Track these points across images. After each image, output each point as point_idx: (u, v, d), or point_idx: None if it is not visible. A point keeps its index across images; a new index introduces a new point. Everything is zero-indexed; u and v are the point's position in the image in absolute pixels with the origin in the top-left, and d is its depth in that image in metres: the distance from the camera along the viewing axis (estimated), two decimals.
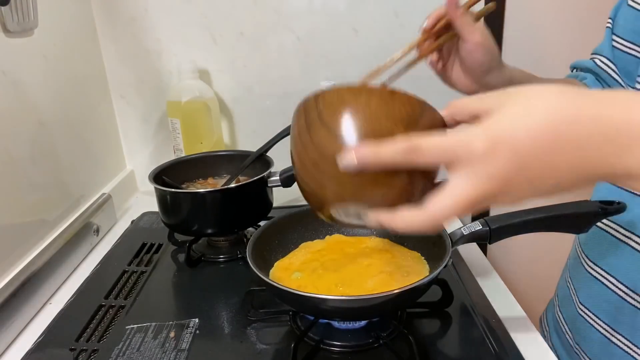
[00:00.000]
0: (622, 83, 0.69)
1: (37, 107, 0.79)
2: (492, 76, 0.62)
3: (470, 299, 0.68)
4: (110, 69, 1.04)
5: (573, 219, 0.56)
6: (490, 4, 0.63)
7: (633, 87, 0.66)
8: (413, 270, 0.65)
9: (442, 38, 0.61)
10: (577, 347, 0.68)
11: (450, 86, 0.66)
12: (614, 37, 0.68)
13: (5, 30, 0.71)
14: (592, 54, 0.73)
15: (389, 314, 0.62)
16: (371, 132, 0.39)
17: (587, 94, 0.36)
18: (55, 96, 0.84)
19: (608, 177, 0.36)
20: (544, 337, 0.71)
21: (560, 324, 0.73)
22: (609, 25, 0.69)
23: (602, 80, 0.71)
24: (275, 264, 0.68)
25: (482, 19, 0.62)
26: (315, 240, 0.73)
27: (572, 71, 0.77)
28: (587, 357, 0.66)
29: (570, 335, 0.70)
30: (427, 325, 0.64)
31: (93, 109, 0.99)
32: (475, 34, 0.59)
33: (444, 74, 0.65)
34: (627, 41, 0.66)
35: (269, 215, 0.83)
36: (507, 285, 0.73)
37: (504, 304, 0.68)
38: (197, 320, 0.66)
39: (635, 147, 0.33)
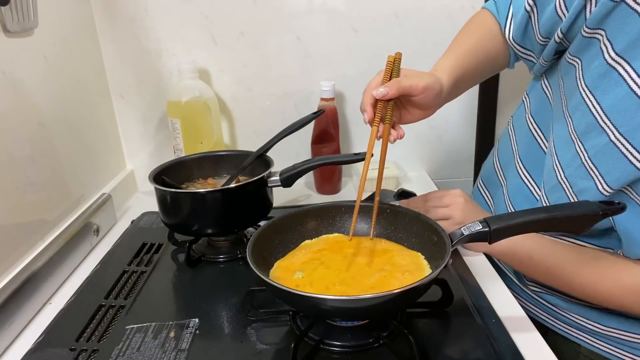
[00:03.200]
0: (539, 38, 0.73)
1: (37, 107, 0.79)
2: (444, 94, 0.70)
3: (470, 299, 0.68)
4: (110, 69, 1.04)
5: (573, 219, 0.56)
6: (397, 53, 0.67)
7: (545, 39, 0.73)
8: (413, 270, 0.65)
9: (387, 116, 0.64)
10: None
11: (411, 123, 0.71)
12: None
13: (5, 30, 0.71)
14: None
15: (389, 314, 0.62)
16: None
17: None
18: (55, 96, 0.84)
19: None
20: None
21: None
22: None
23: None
24: (276, 264, 0.68)
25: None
26: (314, 240, 0.73)
27: None
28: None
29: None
30: (427, 325, 0.64)
31: (93, 109, 0.99)
32: (418, 84, 0.64)
33: (404, 122, 0.71)
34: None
35: (269, 215, 0.83)
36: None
37: (504, 304, 0.68)
38: (197, 320, 0.66)
39: None
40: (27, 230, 0.74)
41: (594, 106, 0.60)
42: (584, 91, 0.62)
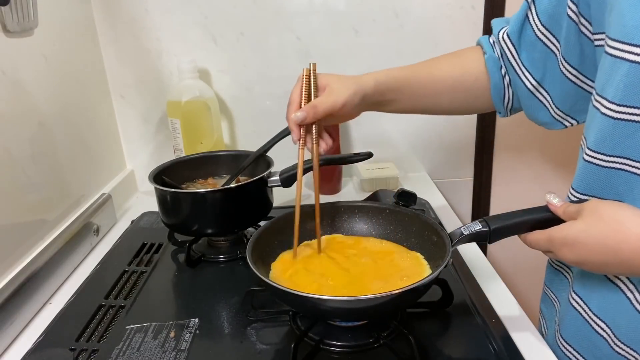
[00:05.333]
0: (520, 71, 0.67)
1: (37, 107, 0.79)
2: (367, 102, 0.68)
3: (470, 299, 0.68)
4: (110, 69, 1.04)
5: None
6: (312, 64, 0.66)
7: (535, 80, 0.66)
8: (413, 271, 0.65)
9: (312, 133, 0.66)
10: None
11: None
12: (531, 15, 0.64)
13: (5, 30, 0.71)
14: (506, 23, 0.69)
15: (389, 314, 0.62)
16: None
17: None
18: (55, 96, 0.84)
19: None
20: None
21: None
22: None
23: (503, 58, 0.69)
24: (273, 265, 0.68)
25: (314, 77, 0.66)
26: (314, 241, 0.73)
27: (490, 27, 0.73)
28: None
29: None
30: (427, 325, 0.64)
31: (93, 109, 0.99)
32: (335, 103, 0.63)
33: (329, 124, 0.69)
34: (544, 27, 0.63)
35: (269, 215, 0.83)
36: (507, 285, 0.73)
37: (503, 303, 0.68)
38: (197, 320, 0.66)
39: None
40: (27, 230, 0.74)
41: None
42: None
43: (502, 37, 0.68)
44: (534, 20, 0.64)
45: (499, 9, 1.04)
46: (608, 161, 0.53)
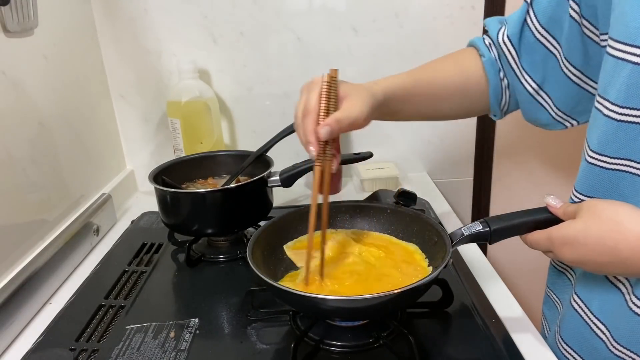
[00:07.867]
0: (520, 75, 0.66)
1: (37, 107, 0.79)
2: (377, 113, 0.63)
3: (470, 299, 0.68)
4: (110, 69, 1.04)
5: None
6: (332, 70, 0.60)
7: (536, 83, 0.65)
8: (412, 270, 0.65)
9: (328, 149, 0.59)
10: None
11: None
12: (530, 17, 0.64)
13: (5, 30, 0.71)
14: (501, 24, 0.68)
15: (389, 314, 0.62)
16: None
17: None
18: (55, 96, 0.84)
19: None
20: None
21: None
22: None
23: (502, 61, 0.68)
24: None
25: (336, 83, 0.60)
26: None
27: (483, 27, 0.70)
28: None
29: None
30: (427, 325, 0.64)
31: (93, 109, 0.99)
32: (358, 119, 0.58)
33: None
34: (543, 29, 0.63)
35: (269, 215, 0.83)
36: (507, 285, 0.73)
37: (504, 304, 0.68)
38: (197, 320, 0.66)
39: None
40: (27, 230, 0.74)
41: None
42: None
43: (503, 40, 0.67)
44: (532, 23, 0.64)
45: (499, 9, 1.04)
46: (612, 163, 0.53)
